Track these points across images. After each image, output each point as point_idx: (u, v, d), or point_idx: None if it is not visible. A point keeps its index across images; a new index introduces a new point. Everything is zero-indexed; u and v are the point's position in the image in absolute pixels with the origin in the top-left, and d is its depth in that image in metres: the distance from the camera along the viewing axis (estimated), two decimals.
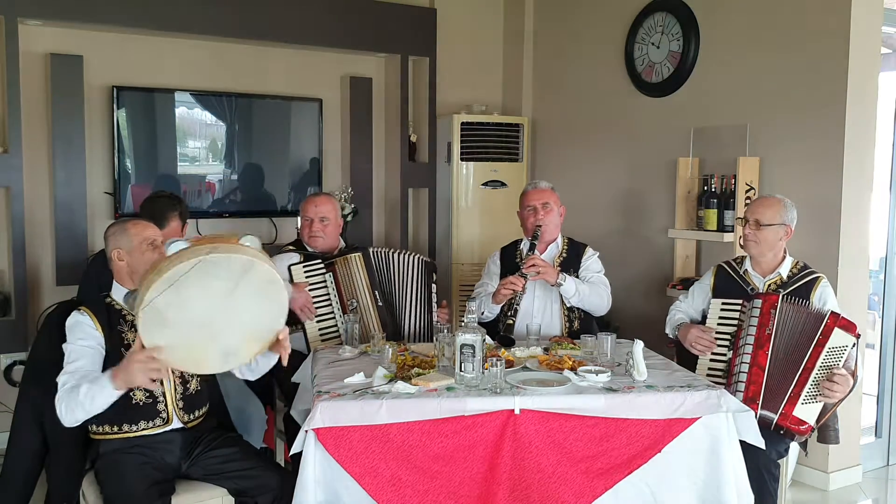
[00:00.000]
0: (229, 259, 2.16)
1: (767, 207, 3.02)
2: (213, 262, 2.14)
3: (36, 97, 4.16)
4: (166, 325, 2.16)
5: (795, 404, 2.77)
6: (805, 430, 2.79)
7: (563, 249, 3.51)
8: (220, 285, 2.16)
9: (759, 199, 3.14)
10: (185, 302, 2.14)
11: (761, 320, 2.88)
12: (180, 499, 2.47)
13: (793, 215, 3.05)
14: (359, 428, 2.33)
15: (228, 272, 2.16)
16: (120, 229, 2.54)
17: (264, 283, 2.21)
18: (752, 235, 3.01)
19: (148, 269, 2.25)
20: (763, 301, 2.91)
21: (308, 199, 3.55)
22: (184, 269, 2.11)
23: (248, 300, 2.20)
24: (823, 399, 2.79)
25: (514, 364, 2.74)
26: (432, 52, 5.10)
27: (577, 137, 5.04)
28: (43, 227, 4.25)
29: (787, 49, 3.77)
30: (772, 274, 3.05)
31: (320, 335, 3.29)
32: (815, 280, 3.02)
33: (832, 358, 2.78)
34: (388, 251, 3.48)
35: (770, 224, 2.99)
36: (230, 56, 4.68)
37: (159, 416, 2.49)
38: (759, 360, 2.84)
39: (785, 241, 3.05)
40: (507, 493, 2.37)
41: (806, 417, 2.79)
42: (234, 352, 2.26)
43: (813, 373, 2.77)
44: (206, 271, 2.14)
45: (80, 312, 2.45)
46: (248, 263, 2.17)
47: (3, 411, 4.01)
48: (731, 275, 3.12)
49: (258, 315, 2.25)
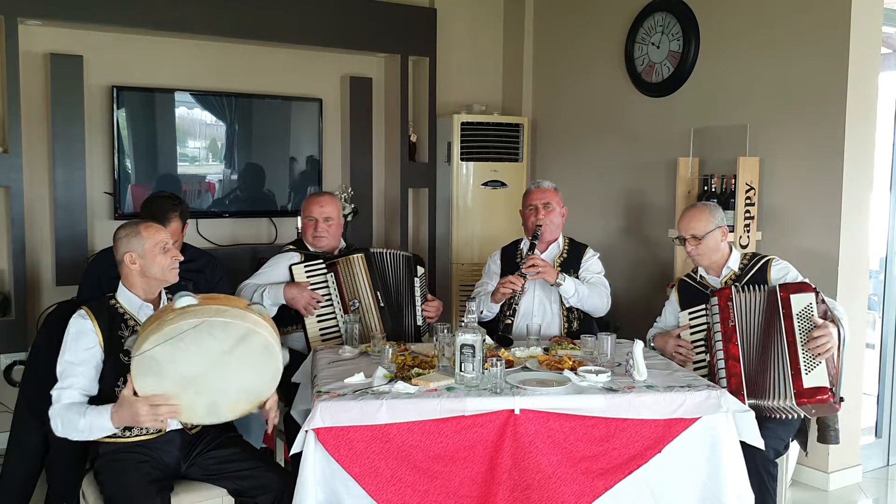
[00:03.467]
0: (232, 325, 2.25)
1: (698, 220, 3.08)
2: (215, 325, 2.23)
3: (36, 97, 4.16)
4: (158, 375, 2.25)
5: (801, 378, 2.76)
6: (827, 398, 2.74)
7: (563, 250, 3.51)
8: (217, 346, 2.26)
9: (685, 213, 3.16)
10: (180, 357, 2.23)
11: (722, 315, 2.93)
12: (180, 499, 2.47)
13: (722, 215, 3.12)
14: (359, 428, 2.33)
15: (228, 335, 2.25)
16: (133, 232, 2.51)
17: (260, 350, 2.31)
18: (695, 251, 3.09)
19: (152, 318, 2.33)
20: (718, 297, 2.96)
21: (311, 199, 3.52)
22: (185, 326, 2.20)
23: (242, 365, 2.30)
24: (821, 357, 2.77)
25: (514, 364, 2.74)
26: (432, 52, 5.10)
27: (577, 137, 5.04)
28: (43, 227, 4.26)
29: (787, 49, 3.77)
30: (724, 271, 3.11)
31: (321, 335, 3.29)
32: (766, 264, 3.06)
33: (805, 321, 2.80)
34: (384, 251, 3.47)
35: (706, 233, 3.05)
36: (230, 56, 4.68)
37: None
38: (733, 352, 2.87)
39: (725, 240, 3.11)
40: (507, 493, 2.37)
41: (818, 383, 2.75)
42: (217, 409, 2.35)
43: (797, 344, 2.78)
44: (206, 331, 2.23)
45: (82, 316, 2.44)
46: (248, 331, 2.26)
47: (3, 411, 4.01)
48: (691, 284, 3.17)
49: (248, 380, 2.34)
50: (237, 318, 2.26)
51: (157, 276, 2.52)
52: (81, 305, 2.49)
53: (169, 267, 2.53)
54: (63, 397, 2.35)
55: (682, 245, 3.13)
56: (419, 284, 3.45)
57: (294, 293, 3.23)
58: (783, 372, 2.79)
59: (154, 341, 2.20)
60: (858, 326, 3.72)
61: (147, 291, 2.54)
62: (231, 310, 2.28)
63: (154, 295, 2.57)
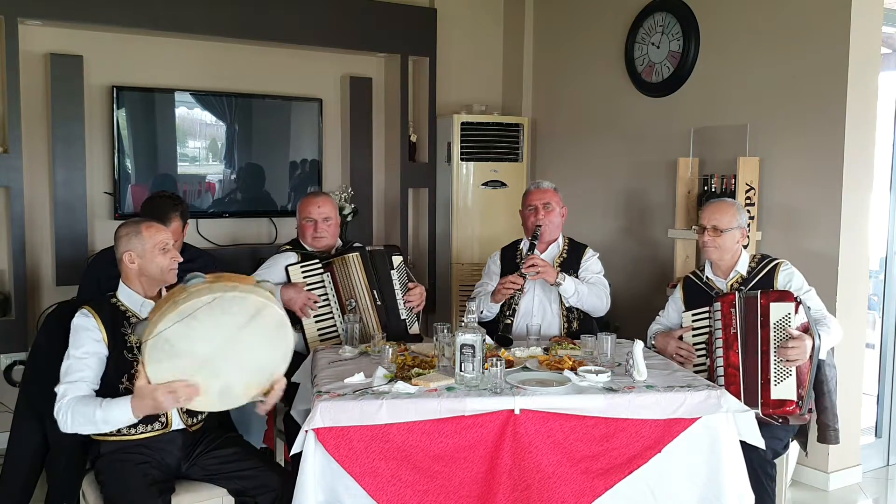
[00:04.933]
0: (246, 298, 2.24)
1: (724, 213, 3.07)
2: (230, 300, 2.22)
3: (36, 97, 4.16)
4: (171, 357, 2.22)
5: (770, 389, 2.76)
6: (793, 409, 2.75)
7: (563, 250, 3.51)
8: (232, 321, 2.24)
9: (712, 204, 3.16)
10: (195, 335, 2.22)
11: (724, 321, 2.92)
12: (180, 499, 2.47)
13: (746, 218, 3.13)
14: (359, 428, 2.33)
15: (242, 310, 2.25)
16: (133, 231, 2.51)
17: (274, 326, 2.30)
18: (712, 241, 3.07)
19: (164, 299, 2.31)
20: (722, 303, 2.95)
21: (307, 200, 3.48)
22: (198, 304, 2.19)
23: (256, 340, 2.29)
24: (790, 366, 2.76)
25: (514, 364, 2.74)
26: (432, 52, 5.11)
27: (577, 137, 5.04)
28: (43, 227, 4.26)
29: (787, 49, 3.77)
30: (731, 274, 3.09)
31: (319, 335, 3.29)
32: (774, 267, 3.05)
33: (779, 332, 2.79)
34: (379, 250, 3.45)
35: (728, 229, 3.05)
36: (230, 56, 4.68)
37: (158, 421, 2.49)
38: (732, 360, 2.86)
39: (741, 243, 3.10)
40: (507, 493, 2.37)
41: (785, 395, 2.76)
42: (231, 391, 2.34)
43: (770, 353, 2.78)
44: (221, 308, 2.22)
45: (85, 314, 2.44)
46: (262, 305, 2.25)
47: (3, 411, 4.01)
48: (697, 284, 3.17)
49: (262, 356, 2.33)
50: (250, 293, 2.25)
51: (156, 276, 2.52)
52: (82, 305, 2.49)
53: (168, 268, 2.53)
54: (70, 391, 2.33)
55: (701, 234, 3.10)
56: (396, 276, 3.41)
57: (291, 295, 3.23)
58: (756, 380, 2.79)
59: (170, 320, 2.17)
60: (858, 326, 3.72)
61: (147, 289, 2.54)
62: (242, 285, 2.28)
63: (154, 293, 2.57)
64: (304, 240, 3.48)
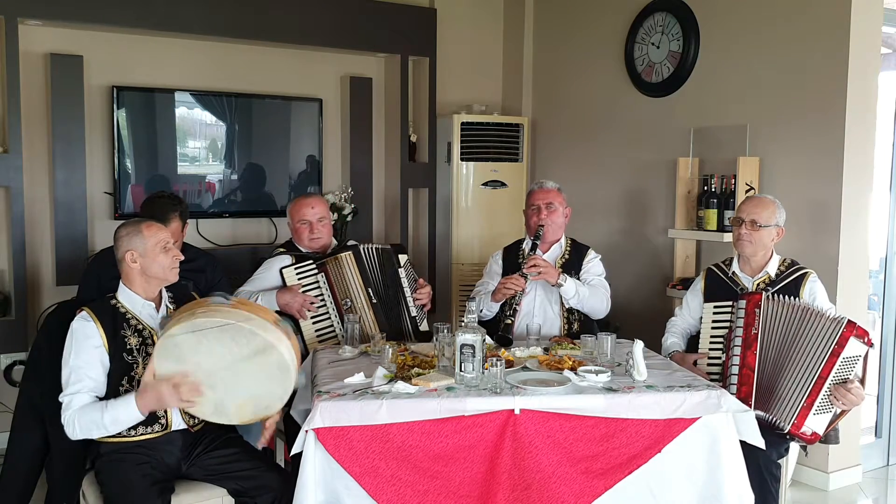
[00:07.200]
0: (256, 336, 2.31)
1: (764, 208, 3.04)
2: (240, 331, 2.30)
3: (36, 97, 4.16)
4: (177, 361, 2.32)
5: (807, 415, 2.72)
6: (812, 439, 2.77)
7: (566, 250, 3.50)
8: (237, 350, 2.32)
9: (752, 199, 3.14)
10: (202, 349, 2.32)
11: (747, 320, 2.89)
12: (180, 499, 2.47)
13: (784, 217, 3.09)
14: (359, 428, 2.33)
15: (249, 343, 2.32)
16: (134, 231, 2.51)
17: (276, 367, 2.35)
18: (748, 235, 3.03)
19: (191, 304, 2.43)
20: (747, 301, 2.92)
21: (300, 202, 3.44)
22: (211, 324, 2.29)
23: (254, 373, 2.35)
24: (838, 408, 2.76)
25: (514, 364, 2.74)
26: (432, 52, 5.10)
27: (577, 137, 5.04)
28: (43, 227, 4.25)
29: (787, 49, 3.77)
30: (760, 273, 3.07)
31: (316, 336, 3.28)
32: (803, 276, 3.03)
33: (845, 369, 2.74)
34: (369, 247, 3.43)
35: (766, 225, 3.02)
36: (230, 56, 4.68)
37: (158, 423, 2.49)
38: (749, 360, 2.84)
39: (776, 241, 3.07)
40: (507, 493, 2.37)
41: (816, 427, 2.75)
42: (224, 408, 2.41)
43: (826, 382, 2.72)
44: (231, 334, 2.30)
45: (85, 317, 2.44)
46: (269, 347, 2.32)
47: (3, 411, 4.01)
48: (720, 276, 3.14)
49: (259, 388, 2.39)
50: (261, 330, 2.32)
51: (158, 275, 2.52)
52: (82, 306, 2.48)
53: (169, 266, 2.53)
54: (74, 402, 2.35)
55: (738, 227, 3.06)
56: (404, 275, 3.41)
57: (287, 299, 3.23)
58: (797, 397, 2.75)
59: (183, 328, 2.29)
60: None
61: (147, 290, 2.54)
62: (259, 320, 2.34)
63: (154, 294, 2.56)
64: (300, 242, 3.47)
